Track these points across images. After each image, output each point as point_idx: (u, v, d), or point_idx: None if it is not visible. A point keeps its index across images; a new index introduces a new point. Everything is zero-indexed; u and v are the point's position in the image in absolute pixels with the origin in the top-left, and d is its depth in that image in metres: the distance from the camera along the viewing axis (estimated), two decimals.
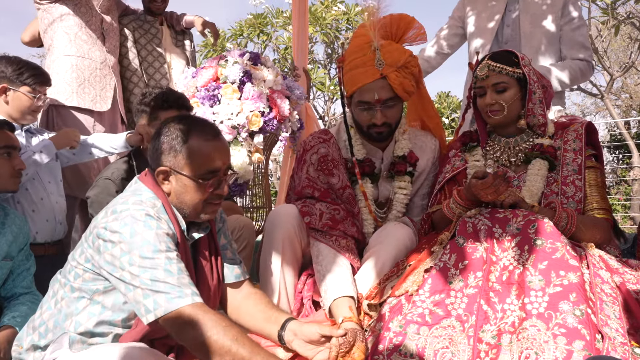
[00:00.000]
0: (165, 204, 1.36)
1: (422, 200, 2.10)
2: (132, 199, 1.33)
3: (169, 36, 3.15)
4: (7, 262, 1.78)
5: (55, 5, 2.66)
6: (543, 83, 1.94)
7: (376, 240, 1.84)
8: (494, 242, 1.54)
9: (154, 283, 1.21)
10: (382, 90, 1.83)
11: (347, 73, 1.90)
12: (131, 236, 1.25)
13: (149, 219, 1.28)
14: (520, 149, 1.92)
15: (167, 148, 1.36)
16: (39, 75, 2.20)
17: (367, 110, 1.87)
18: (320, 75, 8.39)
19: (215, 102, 2.71)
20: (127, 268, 1.23)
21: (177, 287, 1.21)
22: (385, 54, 1.83)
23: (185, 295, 1.21)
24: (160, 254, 1.24)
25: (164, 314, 1.19)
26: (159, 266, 1.22)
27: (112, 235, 1.26)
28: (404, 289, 1.58)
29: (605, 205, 1.82)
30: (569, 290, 1.37)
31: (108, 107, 2.74)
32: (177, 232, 1.35)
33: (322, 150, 1.88)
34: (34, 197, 2.15)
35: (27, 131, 2.27)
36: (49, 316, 1.35)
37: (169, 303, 1.20)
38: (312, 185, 1.85)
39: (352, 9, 8.07)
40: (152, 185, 1.38)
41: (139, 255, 1.23)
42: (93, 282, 1.31)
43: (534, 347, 1.29)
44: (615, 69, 10.15)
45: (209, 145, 1.37)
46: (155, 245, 1.24)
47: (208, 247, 1.48)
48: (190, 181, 1.36)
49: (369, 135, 1.94)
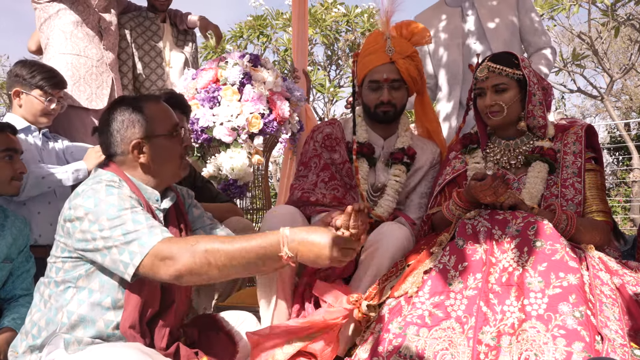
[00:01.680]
0: (126, 181, 1.40)
1: (421, 199, 2.14)
2: (91, 181, 1.37)
3: (170, 34, 3.12)
4: (6, 264, 1.78)
5: (52, 4, 2.65)
6: (543, 85, 1.94)
7: (373, 240, 1.84)
8: (493, 244, 1.54)
9: (125, 236, 1.25)
10: (390, 72, 2.03)
11: (361, 61, 2.10)
12: (95, 205, 1.29)
13: (110, 187, 1.33)
14: (520, 151, 1.92)
15: (128, 124, 1.41)
16: (51, 78, 2.23)
17: (375, 90, 2.05)
18: (320, 77, 8.40)
19: (215, 103, 2.71)
20: (98, 235, 1.27)
21: (147, 231, 1.25)
22: (395, 43, 2.06)
23: (155, 235, 1.24)
24: (125, 211, 1.28)
25: (141, 258, 1.22)
26: (127, 220, 1.26)
27: (77, 211, 1.30)
28: (403, 290, 1.58)
29: (604, 207, 1.82)
30: (568, 291, 1.37)
31: (104, 104, 2.71)
32: (143, 203, 1.38)
33: (327, 130, 2.11)
34: (41, 200, 2.15)
35: (44, 135, 2.28)
36: (40, 316, 1.36)
37: (142, 247, 1.23)
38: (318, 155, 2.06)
39: (352, 10, 8.07)
40: (112, 169, 1.42)
41: (107, 219, 1.27)
42: (74, 269, 1.33)
43: (533, 349, 1.29)
44: (615, 71, 10.16)
45: (161, 105, 1.48)
46: (119, 205, 1.29)
47: (176, 217, 1.52)
48: (166, 139, 1.43)
49: (375, 115, 2.08)
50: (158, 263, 1.22)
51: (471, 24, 2.76)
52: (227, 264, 1.21)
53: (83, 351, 1.28)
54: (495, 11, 2.73)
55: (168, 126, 1.45)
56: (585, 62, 9.65)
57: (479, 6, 2.75)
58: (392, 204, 2.08)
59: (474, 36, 2.74)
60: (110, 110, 1.45)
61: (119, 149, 1.43)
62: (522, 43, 2.78)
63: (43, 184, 2.09)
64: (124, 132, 1.42)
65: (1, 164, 1.81)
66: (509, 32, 2.70)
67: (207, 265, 1.20)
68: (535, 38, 2.73)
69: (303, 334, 1.56)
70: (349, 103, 2.84)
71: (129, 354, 1.21)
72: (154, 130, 1.42)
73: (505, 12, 2.72)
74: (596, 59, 9.08)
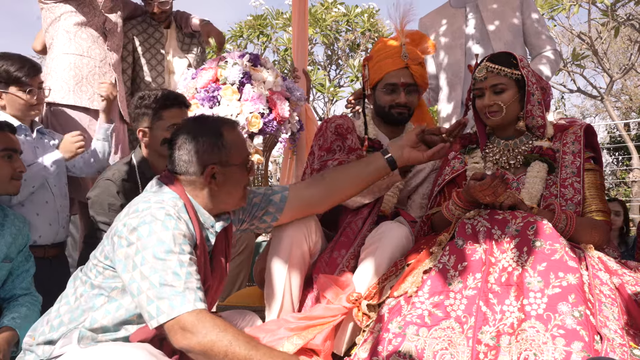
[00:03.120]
0: (187, 204, 1.39)
1: (422, 199, 2.16)
2: (155, 197, 1.36)
3: (175, 39, 3.14)
4: (6, 263, 1.77)
5: (59, 5, 2.65)
6: (542, 85, 1.94)
7: (372, 239, 1.83)
8: (493, 244, 1.54)
9: (161, 287, 1.23)
10: (406, 76, 2.12)
11: (375, 65, 2.17)
12: (148, 235, 1.27)
13: (169, 218, 1.30)
14: (519, 151, 1.92)
15: (207, 147, 1.41)
16: (22, 67, 2.12)
17: (391, 93, 2.13)
18: (320, 76, 8.40)
19: (214, 103, 2.71)
20: (138, 267, 1.25)
21: (181, 292, 1.23)
22: (409, 50, 2.16)
23: (187, 302, 1.22)
24: (172, 255, 1.26)
25: (166, 320, 1.21)
26: (168, 269, 1.24)
27: (129, 233, 1.28)
28: (403, 290, 1.58)
29: (604, 207, 1.82)
30: (567, 291, 1.37)
31: None
32: (196, 232, 1.38)
33: (338, 121, 2.17)
34: (38, 201, 2.15)
35: (38, 131, 2.26)
36: (66, 310, 1.37)
37: (171, 310, 1.21)
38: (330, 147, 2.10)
39: (352, 10, 8.08)
40: (174, 186, 1.42)
41: (152, 255, 1.25)
42: (112, 279, 1.33)
43: (532, 348, 1.29)
44: (615, 71, 10.16)
45: (239, 133, 1.51)
46: (169, 246, 1.26)
47: (224, 242, 1.53)
48: (238, 168, 1.46)
49: (390, 115, 2.15)
50: (177, 330, 1.21)
51: (474, 25, 2.77)
52: None
53: (95, 346, 1.29)
54: (498, 13, 2.73)
55: (243, 156, 1.47)
56: (585, 62, 9.66)
57: (482, 8, 2.76)
58: (393, 199, 2.10)
59: (477, 38, 2.75)
60: (188, 127, 1.44)
61: (191, 169, 1.42)
62: (525, 45, 2.78)
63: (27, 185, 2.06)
64: (202, 154, 1.41)
65: (0, 163, 1.81)
66: (511, 34, 2.70)
67: (224, 356, 1.19)
68: (539, 41, 2.74)
69: (301, 329, 1.56)
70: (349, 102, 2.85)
71: (137, 353, 1.22)
72: (230, 159, 1.43)
73: (508, 14, 2.72)
74: (596, 59, 9.09)
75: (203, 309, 1.23)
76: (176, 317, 1.21)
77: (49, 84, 2.57)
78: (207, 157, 1.41)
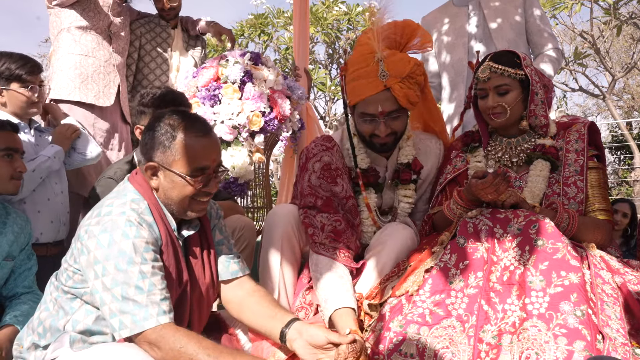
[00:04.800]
0: (151, 205, 1.36)
1: (425, 204, 2.09)
2: (117, 201, 1.34)
3: (181, 40, 3.17)
4: (8, 261, 1.78)
5: (64, 10, 2.69)
6: (544, 82, 1.93)
7: (377, 240, 1.83)
8: (494, 243, 1.54)
9: (123, 300, 1.23)
10: (386, 102, 1.79)
11: (350, 83, 1.86)
12: (108, 246, 1.26)
13: (129, 225, 1.28)
14: (522, 150, 1.91)
15: (157, 143, 1.35)
16: (24, 65, 2.14)
17: (370, 122, 1.84)
18: (321, 75, 8.40)
19: (215, 102, 2.71)
20: (100, 277, 1.25)
21: (144, 307, 1.23)
22: (389, 64, 1.80)
23: (150, 317, 1.23)
24: (134, 266, 1.25)
25: (129, 334, 1.23)
26: (130, 280, 1.24)
27: (90, 241, 1.27)
28: (405, 289, 1.58)
29: (607, 206, 1.81)
30: (569, 290, 1.36)
31: (111, 102, 2.75)
32: (162, 232, 1.35)
33: (325, 158, 1.85)
34: (40, 198, 2.15)
35: (36, 129, 2.27)
36: (46, 316, 1.36)
37: (134, 325, 1.23)
38: (314, 193, 1.81)
39: (353, 9, 8.07)
40: (140, 184, 1.38)
41: (114, 266, 1.25)
42: (81, 283, 1.32)
43: (534, 348, 1.29)
44: (617, 70, 10.14)
45: (199, 142, 1.35)
46: (130, 257, 1.25)
47: (200, 244, 1.47)
48: (179, 178, 1.35)
49: (372, 145, 1.90)
50: (143, 343, 1.24)
51: (476, 23, 2.76)
52: None
53: (88, 349, 1.28)
54: (501, 11, 2.72)
55: (190, 167, 1.34)
56: (587, 61, 9.63)
57: (485, 6, 2.75)
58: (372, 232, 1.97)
59: (479, 36, 2.74)
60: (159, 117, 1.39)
61: (142, 161, 1.40)
62: (528, 44, 2.77)
63: (34, 176, 2.08)
64: (149, 148, 1.37)
65: (0, 162, 1.80)
66: (514, 33, 2.69)
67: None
68: (541, 39, 2.72)
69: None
70: None
71: (132, 353, 1.22)
72: (172, 164, 1.34)
73: (510, 13, 2.71)
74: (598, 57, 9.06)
75: (166, 323, 1.24)
76: (139, 333, 1.23)
77: (55, 82, 2.58)
78: (152, 152, 1.36)
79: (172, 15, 3.11)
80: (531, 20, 2.73)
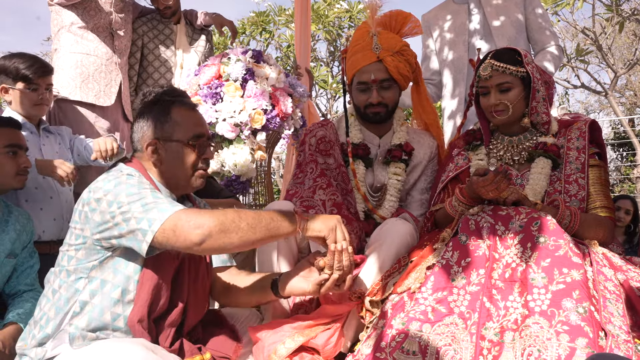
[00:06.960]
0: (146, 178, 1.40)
1: (421, 195, 2.13)
2: (112, 171, 1.39)
3: (185, 35, 3.14)
4: (10, 259, 1.78)
5: (65, 8, 2.69)
6: (545, 79, 1.93)
7: (377, 237, 1.84)
8: (496, 240, 1.54)
9: (145, 207, 1.26)
10: (378, 71, 1.96)
11: (349, 60, 2.04)
12: (115, 186, 1.30)
13: (130, 177, 1.34)
14: (523, 147, 1.91)
15: (152, 122, 1.43)
16: (32, 65, 2.16)
17: (364, 91, 2.00)
18: (322, 73, 8.39)
19: (217, 99, 2.71)
20: (117, 212, 1.27)
21: (167, 202, 1.28)
22: (382, 39, 1.98)
23: (175, 205, 1.27)
24: (145, 190, 1.30)
25: (160, 224, 1.23)
26: (146, 195, 1.28)
27: (97, 193, 1.31)
28: (406, 286, 1.58)
29: (608, 203, 1.81)
30: (572, 287, 1.36)
31: (112, 102, 2.75)
32: None
33: (319, 132, 2.03)
34: (43, 196, 2.16)
35: (44, 129, 2.28)
36: (49, 306, 1.36)
37: (162, 213, 1.25)
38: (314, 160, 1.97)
39: (354, 6, 8.06)
40: (134, 166, 1.43)
41: (126, 195, 1.28)
42: (87, 258, 1.33)
43: (536, 345, 1.29)
44: (619, 66, 10.11)
45: (192, 113, 1.48)
46: (138, 187, 1.30)
47: None
48: (181, 145, 1.43)
49: (366, 116, 2.03)
50: (182, 225, 1.23)
51: (477, 21, 2.76)
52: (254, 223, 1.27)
53: (88, 346, 1.28)
54: (502, 8, 2.72)
55: (189, 134, 1.44)
56: (589, 57, 9.61)
57: (485, 3, 2.75)
58: (395, 204, 2.06)
59: (480, 33, 2.74)
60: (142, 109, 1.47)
61: (139, 146, 1.46)
62: (528, 41, 2.77)
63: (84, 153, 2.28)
64: (146, 130, 1.44)
65: (5, 159, 1.82)
66: (514, 30, 2.69)
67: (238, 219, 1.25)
68: (542, 36, 2.72)
69: (305, 328, 1.56)
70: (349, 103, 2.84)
71: (132, 349, 1.21)
72: (172, 134, 1.43)
73: (511, 10, 2.71)
74: (600, 54, 9.04)
75: None
76: (171, 216, 1.23)
77: (56, 81, 2.58)
78: (151, 132, 1.43)
79: (169, 14, 3.08)
80: (532, 17, 2.73)
